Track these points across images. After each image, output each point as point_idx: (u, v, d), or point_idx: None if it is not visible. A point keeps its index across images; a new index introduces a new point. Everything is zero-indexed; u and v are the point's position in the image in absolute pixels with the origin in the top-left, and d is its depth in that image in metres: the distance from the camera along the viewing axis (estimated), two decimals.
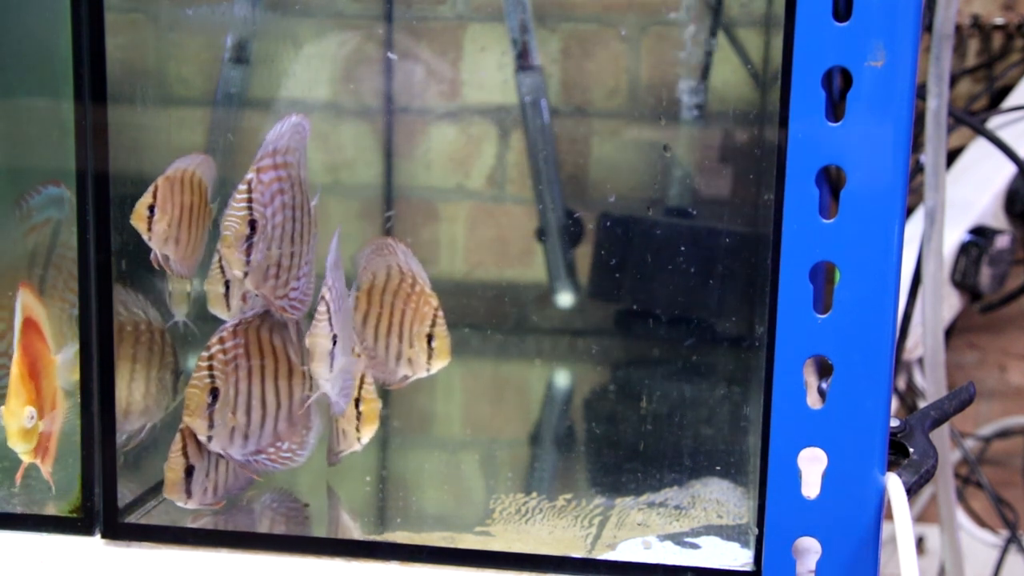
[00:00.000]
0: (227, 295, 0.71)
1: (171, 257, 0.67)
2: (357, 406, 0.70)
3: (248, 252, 0.62)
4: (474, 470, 0.85)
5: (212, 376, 0.64)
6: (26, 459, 0.67)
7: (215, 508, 0.69)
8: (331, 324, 0.64)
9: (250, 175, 0.61)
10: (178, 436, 0.67)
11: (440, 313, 0.72)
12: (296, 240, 0.65)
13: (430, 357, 0.73)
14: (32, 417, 0.66)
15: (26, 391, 0.66)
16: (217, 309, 0.71)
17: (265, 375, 0.67)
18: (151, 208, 0.66)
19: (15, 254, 0.75)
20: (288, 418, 0.68)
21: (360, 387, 0.70)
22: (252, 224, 0.62)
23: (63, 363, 0.69)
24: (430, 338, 0.72)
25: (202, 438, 0.65)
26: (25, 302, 0.68)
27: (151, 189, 0.66)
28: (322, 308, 0.64)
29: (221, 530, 0.68)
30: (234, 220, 0.62)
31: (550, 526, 0.70)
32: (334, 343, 0.65)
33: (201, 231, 0.70)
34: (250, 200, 0.62)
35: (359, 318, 0.73)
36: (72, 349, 0.68)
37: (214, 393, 0.65)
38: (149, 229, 0.66)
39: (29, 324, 0.68)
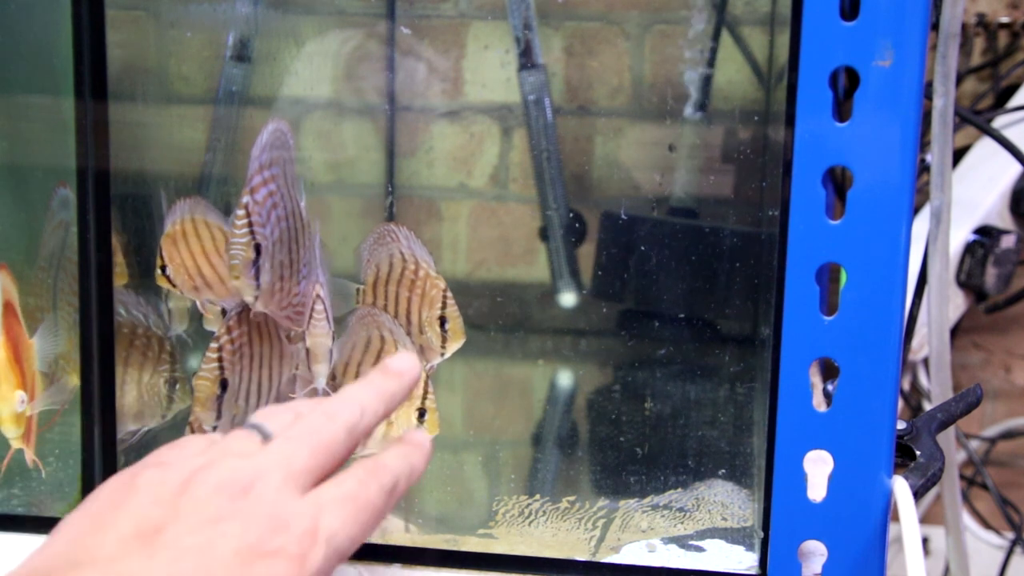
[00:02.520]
0: (224, 312, 0.71)
1: (211, 297, 0.68)
2: (421, 417, 0.68)
3: (256, 276, 0.62)
4: (477, 471, 0.84)
5: (222, 368, 0.64)
6: (16, 444, 0.67)
7: None
8: (329, 322, 0.64)
9: (245, 199, 0.61)
10: (188, 429, 0.66)
11: (449, 293, 0.71)
12: (293, 247, 0.65)
13: (444, 340, 0.71)
14: (23, 401, 0.66)
15: (15, 375, 0.66)
16: (215, 327, 0.71)
17: (262, 361, 0.66)
18: (163, 268, 0.68)
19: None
20: (275, 400, 0.67)
21: (424, 396, 0.69)
22: (257, 248, 0.62)
23: (40, 345, 0.68)
24: (443, 321, 0.71)
25: (207, 428, 0.65)
26: (3, 284, 0.67)
27: (158, 252, 0.68)
28: (319, 307, 0.64)
29: None
30: (239, 248, 0.61)
31: (553, 528, 0.70)
32: (332, 340, 0.65)
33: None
34: (250, 224, 0.61)
35: None
36: (47, 329, 0.68)
37: (224, 384, 0.64)
38: (174, 286, 0.68)
39: (8, 307, 0.67)
